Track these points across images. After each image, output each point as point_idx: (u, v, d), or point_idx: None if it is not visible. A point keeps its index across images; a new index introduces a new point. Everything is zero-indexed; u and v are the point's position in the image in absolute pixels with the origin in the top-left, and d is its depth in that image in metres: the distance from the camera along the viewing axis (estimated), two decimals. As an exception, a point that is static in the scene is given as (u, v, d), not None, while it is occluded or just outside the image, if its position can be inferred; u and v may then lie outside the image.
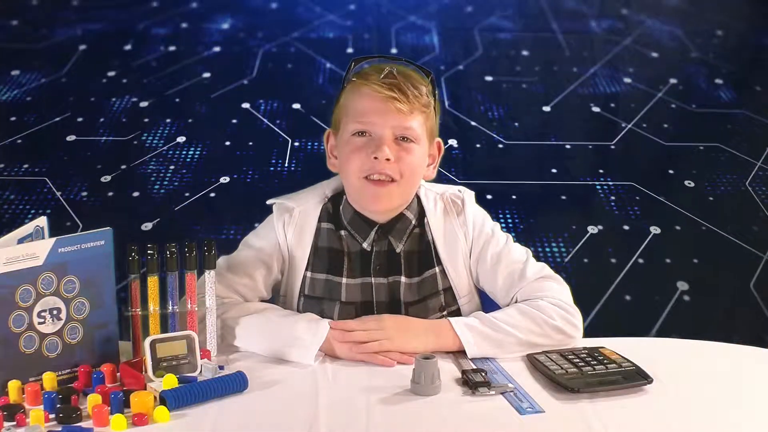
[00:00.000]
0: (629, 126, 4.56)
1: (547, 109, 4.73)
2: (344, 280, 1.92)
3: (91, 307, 1.69)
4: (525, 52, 5.41)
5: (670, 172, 4.19)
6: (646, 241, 3.69)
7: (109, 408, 1.57)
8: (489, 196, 3.70)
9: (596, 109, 4.74)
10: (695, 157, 4.32)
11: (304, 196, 1.98)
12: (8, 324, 1.63)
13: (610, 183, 4.08)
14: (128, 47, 5.34)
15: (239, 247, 1.98)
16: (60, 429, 1.55)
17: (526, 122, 4.64)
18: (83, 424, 1.56)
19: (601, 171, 4.20)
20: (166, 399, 1.59)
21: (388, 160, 1.83)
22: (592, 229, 3.74)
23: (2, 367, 1.63)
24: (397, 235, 1.92)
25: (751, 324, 3.25)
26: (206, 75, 5.00)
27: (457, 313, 1.96)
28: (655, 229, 3.75)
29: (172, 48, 5.33)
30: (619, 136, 4.47)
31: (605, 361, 1.73)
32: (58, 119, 4.49)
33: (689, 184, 4.08)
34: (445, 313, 1.95)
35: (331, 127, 1.96)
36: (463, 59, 5.27)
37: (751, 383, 1.75)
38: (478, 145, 4.37)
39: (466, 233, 1.96)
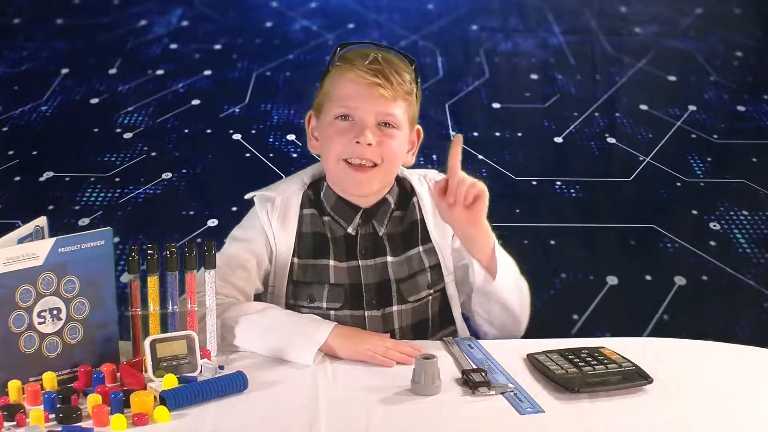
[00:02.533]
0: (647, 159, 4.51)
1: (558, 140, 4.72)
2: (332, 262, 2.11)
3: (91, 307, 1.84)
4: (534, 76, 5.39)
5: (694, 212, 4.12)
6: (671, 294, 3.64)
7: (109, 408, 1.70)
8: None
9: (611, 140, 4.71)
10: (719, 195, 4.25)
11: (284, 185, 2.18)
12: (8, 324, 1.76)
13: (629, 226, 4.02)
14: (113, 71, 5.36)
15: (227, 242, 2.17)
16: (60, 429, 1.67)
17: (537, 155, 4.61)
18: (83, 424, 1.69)
19: (618, 212, 4.15)
20: (166, 399, 1.72)
21: (369, 144, 2.04)
22: (611, 280, 3.70)
23: (2, 367, 1.76)
24: (380, 219, 2.13)
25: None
26: (195, 102, 5.02)
27: (444, 291, 2.17)
28: (680, 280, 3.69)
29: (159, 71, 5.35)
30: (636, 171, 4.42)
31: (605, 361, 1.88)
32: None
33: (714, 226, 4.01)
34: (432, 291, 2.15)
35: (312, 109, 2.16)
36: (469, 84, 5.27)
37: (752, 383, 1.88)
38: (484, 180, 4.32)
39: None
